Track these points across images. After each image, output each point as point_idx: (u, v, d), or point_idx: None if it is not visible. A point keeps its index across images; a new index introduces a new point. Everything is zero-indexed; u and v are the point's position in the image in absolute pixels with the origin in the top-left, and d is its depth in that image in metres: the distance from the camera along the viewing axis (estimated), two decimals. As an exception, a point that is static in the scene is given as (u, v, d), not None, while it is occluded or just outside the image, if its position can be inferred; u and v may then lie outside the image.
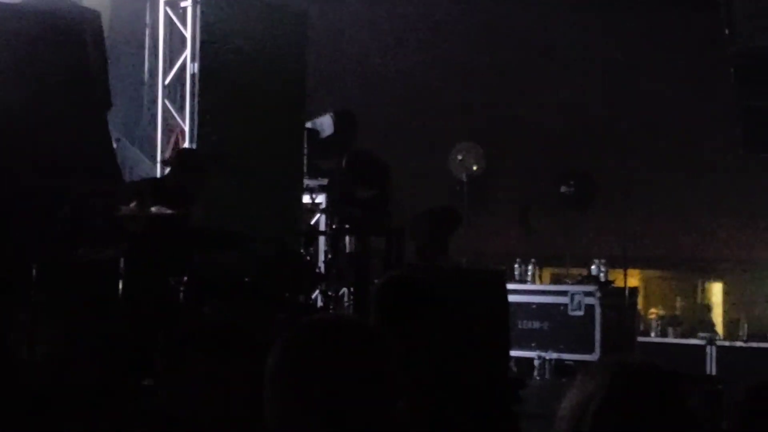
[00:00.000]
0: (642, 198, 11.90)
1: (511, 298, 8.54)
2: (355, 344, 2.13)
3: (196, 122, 9.57)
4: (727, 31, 9.36)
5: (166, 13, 9.85)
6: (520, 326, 10.86)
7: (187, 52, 9.66)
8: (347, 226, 9.37)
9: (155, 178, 9.17)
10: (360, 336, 2.15)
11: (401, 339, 3.32)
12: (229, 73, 9.70)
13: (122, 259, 6.49)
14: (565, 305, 11.08)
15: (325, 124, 10.79)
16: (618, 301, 11.08)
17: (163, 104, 9.86)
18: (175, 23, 9.82)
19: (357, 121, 10.87)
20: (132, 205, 6.81)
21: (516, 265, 11.67)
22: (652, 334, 11.59)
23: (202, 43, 9.60)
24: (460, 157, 12.73)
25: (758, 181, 10.53)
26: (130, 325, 6.43)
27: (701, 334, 11.28)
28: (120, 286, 6.46)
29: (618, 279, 11.42)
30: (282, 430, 2.10)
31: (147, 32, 10.62)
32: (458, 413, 6.07)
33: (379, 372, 2.12)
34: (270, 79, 9.92)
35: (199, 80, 9.59)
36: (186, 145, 9.61)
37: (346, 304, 9.04)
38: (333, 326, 2.20)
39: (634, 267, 11.92)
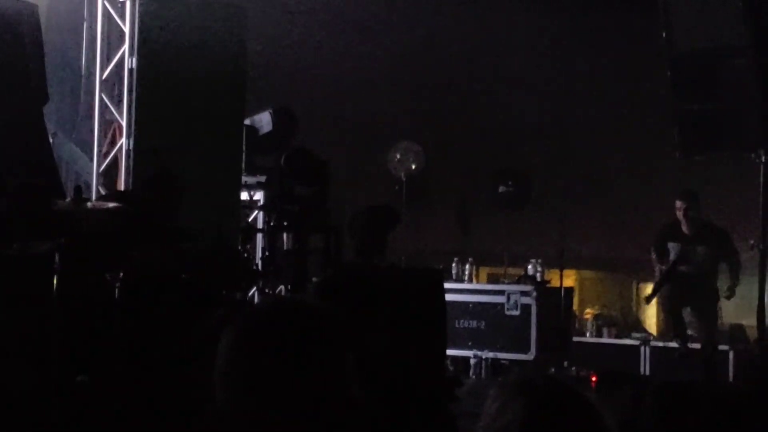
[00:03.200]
0: (579, 199, 11.99)
1: (449, 297, 8.56)
2: (310, 326, 2.12)
3: (133, 117, 9.51)
4: (664, 34, 9.47)
5: (104, 7, 9.77)
6: (457, 325, 10.92)
7: (126, 46, 9.59)
8: (285, 223, 9.37)
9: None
10: (315, 318, 2.14)
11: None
12: (167, 68, 9.65)
13: (57, 254, 6.42)
14: (502, 305, 11.16)
15: (263, 120, 10.77)
16: (554, 301, 11.19)
17: (101, 99, 9.77)
18: (113, 17, 9.75)
19: (296, 119, 10.86)
20: (68, 199, 6.74)
21: (453, 264, 11.73)
22: (588, 334, 11.70)
23: (140, 37, 9.54)
24: (398, 156, 12.77)
25: (693, 184, 10.66)
26: (64, 321, 6.37)
27: (635, 335, 11.40)
28: (55, 281, 6.39)
29: (554, 279, 11.52)
30: (235, 412, 2.09)
31: (85, 26, 10.52)
32: (395, 411, 6.08)
33: (334, 354, 2.11)
34: (209, 75, 9.87)
35: (137, 75, 9.53)
36: (123, 140, 9.55)
37: (284, 301, 9.02)
38: (288, 308, 2.19)
39: (570, 267, 12.01)
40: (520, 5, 12.51)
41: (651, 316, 12.56)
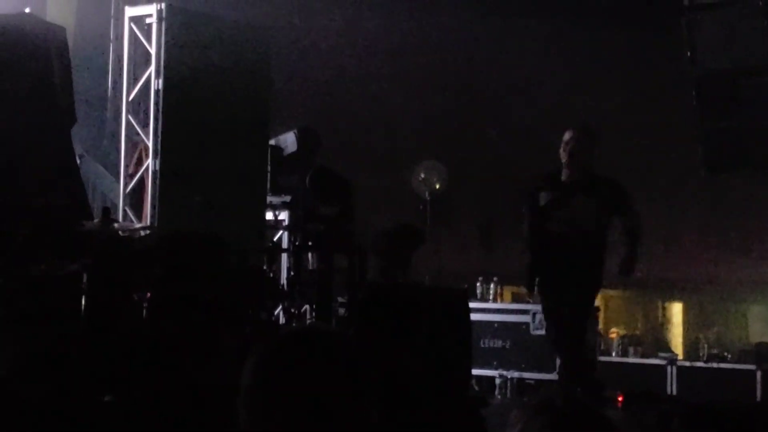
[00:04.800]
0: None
1: (473, 316, 8.58)
2: (330, 355, 2.15)
3: (159, 138, 9.57)
4: (688, 54, 9.46)
5: (131, 28, 9.84)
6: (481, 345, 10.90)
7: (152, 68, 9.66)
8: (310, 243, 9.37)
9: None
10: (335, 346, 2.17)
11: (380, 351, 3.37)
12: (193, 89, 9.71)
13: (85, 275, 6.47)
14: (527, 324, 11.13)
15: (288, 141, 10.81)
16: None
17: (127, 120, 9.84)
18: (139, 39, 9.82)
19: (320, 139, 10.89)
20: (95, 220, 6.79)
21: (478, 284, 11.71)
22: (613, 354, 11.64)
23: (166, 59, 9.60)
24: (423, 176, 12.77)
25: (719, 202, 10.63)
26: (91, 342, 6.40)
27: (662, 354, 11.34)
28: (83, 301, 6.43)
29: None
30: None
31: (111, 48, 10.61)
32: (421, 431, 6.09)
33: (354, 382, 2.14)
34: (234, 95, 9.93)
35: (164, 96, 9.59)
36: (150, 161, 9.60)
37: (308, 321, 9.04)
38: (309, 336, 2.22)
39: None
40: (545, 26, 12.51)
41: (677, 336, 12.51)
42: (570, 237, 8.17)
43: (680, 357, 11.44)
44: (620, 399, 9.77)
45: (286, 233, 10.67)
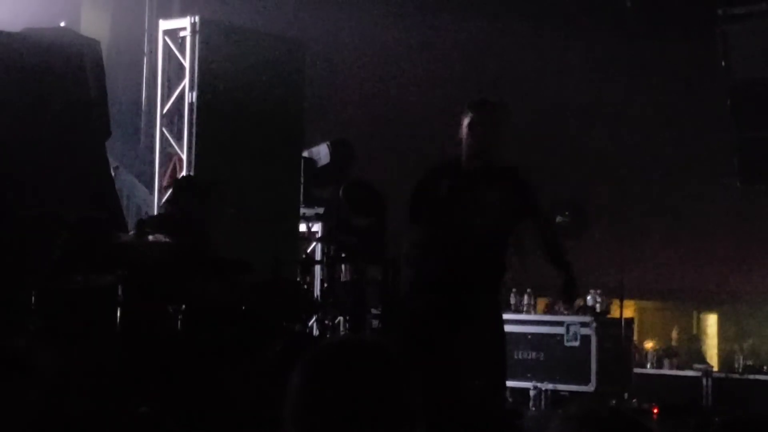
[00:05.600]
0: (638, 228, 11.91)
1: (507, 328, 8.54)
2: (376, 367, 2.15)
3: (193, 151, 9.61)
4: (723, 63, 9.43)
5: (165, 42, 9.90)
6: (515, 356, 10.86)
7: (186, 81, 9.70)
8: (343, 254, 9.38)
9: (159, 214, 9.19)
10: (382, 359, 2.17)
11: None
12: (227, 102, 9.75)
13: (120, 287, 6.50)
14: (561, 336, 11.09)
15: (321, 153, 10.83)
16: (614, 332, 11.09)
17: (161, 133, 9.89)
18: (173, 52, 9.87)
19: (353, 151, 10.91)
20: (130, 233, 6.83)
21: (512, 295, 11.67)
22: (648, 366, 11.58)
23: (200, 72, 9.65)
24: (456, 188, 12.74)
25: (754, 213, 10.56)
26: (127, 353, 6.43)
27: (697, 366, 11.27)
28: (118, 313, 6.46)
29: (614, 310, 11.42)
30: None
31: (145, 61, 10.68)
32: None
33: (399, 395, 2.13)
34: (267, 108, 9.96)
35: (197, 109, 9.64)
36: (184, 172, 9.64)
37: (342, 332, 9.05)
38: (355, 349, 2.21)
39: (630, 298, 11.92)
40: (578, 34, 12.49)
41: (712, 347, 12.44)
42: (469, 234, 6.47)
43: (715, 369, 11.37)
44: (655, 411, 9.72)
45: (319, 245, 10.68)
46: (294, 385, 2.15)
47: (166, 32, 9.92)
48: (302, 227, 10.73)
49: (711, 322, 12.95)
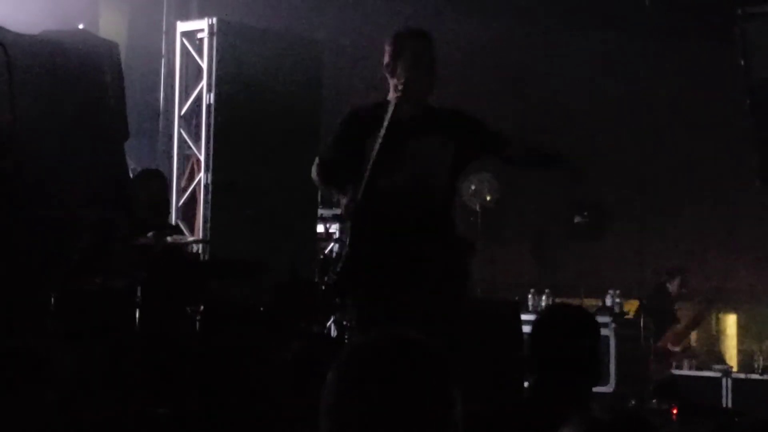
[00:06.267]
0: (656, 229, 11.87)
1: (526, 328, 8.54)
2: (419, 362, 2.11)
3: (211, 152, 9.63)
4: (742, 62, 9.39)
5: (182, 43, 9.91)
6: (534, 357, 10.83)
7: (203, 82, 9.72)
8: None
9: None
10: (424, 354, 2.13)
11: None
12: (244, 103, 9.76)
13: (138, 289, 6.52)
14: (580, 336, 11.05)
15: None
16: (633, 333, 11.05)
17: (179, 134, 9.91)
18: (191, 54, 9.88)
19: (371, 152, 10.89)
20: (149, 234, 6.84)
21: (530, 296, 11.66)
22: (668, 366, 11.54)
23: (218, 73, 9.66)
24: (473, 187, 12.73)
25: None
26: (145, 355, 6.45)
27: (716, 367, 11.22)
28: (137, 315, 6.48)
29: (632, 310, 11.38)
30: None
31: (163, 62, 10.69)
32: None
33: (443, 392, 2.10)
34: (285, 109, 9.97)
35: (215, 110, 9.65)
36: (202, 174, 9.66)
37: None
38: (398, 343, 2.16)
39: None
40: (596, 36, 12.47)
41: (731, 347, 12.40)
42: (410, 199, 5.38)
43: (735, 369, 11.31)
44: (675, 412, 9.68)
45: (337, 245, 10.68)
46: (330, 380, 2.11)
47: (184, 34, 9.94)
48: (320, 228, 10.73)
49: (730, 322, 12.90)
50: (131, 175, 8.72)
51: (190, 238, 9.09)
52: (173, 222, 9.37)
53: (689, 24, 11.44)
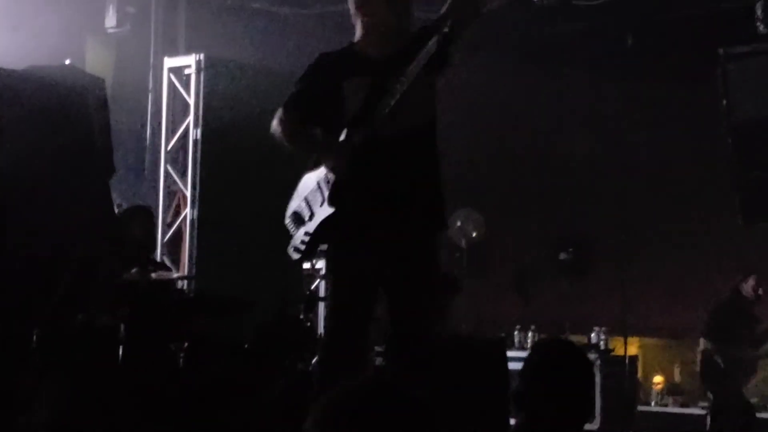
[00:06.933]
0: (641, 265, 11.91)
1: (511, 365, 8.53)
2: (396, 409, 2.10)
3: (197, 188, 9.63)
4: (724, 102, 9.46)
5: (169, 79, 9.94)
6: (520, 393, 10.81)
7: (190, 118, 9.74)
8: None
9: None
10: (402, 401, 2.11)
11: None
12: (231, 139, 9.77)
13: (122, 325, 6.51)
14: (565, 373, 11.04)
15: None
16: (618, 370, 11.05)
17: (165, 170, 9.92)
18: (178, 89, 9.91)
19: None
20: (133, 271, 6.84)
21: (516, 332, 11.66)
22: (653, 403, 11.54)
23: (205, 109, 9.68)
24: (459, 224, 12.75)
25: (756, 251, 10.55)
26: (129, 392, 6.43)
27: (702, 404, 11.22)
28: (120, 352, 6.47)
29: (618, 347, 11.39)
30: None
31: (150, 98, 10.72)
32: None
33: None
34: (272, 145, 9.95)
35: (202, 146, 9.66)
36: (188, 210, 9.66)
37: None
38: (376, 390, 2.15)
39: (634, 335, 11.90)
40: (582, 72, 12.53)
41: (716, 384, 12.38)
42: (393, 147, 4.86)
43: (720, 406, 11.31)
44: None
45: (323, 282, 10.67)
46: (308, 425, 2.10)
47: (171, 69, 9.97)
48: (306, 264, 10.72)
49: (715, 359, 12.89)
50: (117, 211, 8.71)
51: (175, 275, 9.08)
52: (158, 258, 9.36)
53: (671, 63, 11.51)
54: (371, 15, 4.92)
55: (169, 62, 10.03)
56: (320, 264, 10.83)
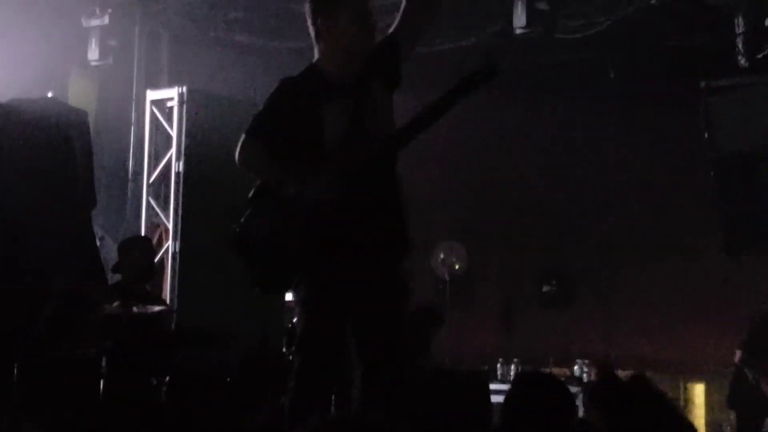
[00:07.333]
0: (624, 298, 11.92)
1: (494, 398, 8.51)
2: None
3: (180, 220, 9.60)
4: (706, 135, 9.50)
5: (152, 111, 9.94)
6: (502, 427, 10.78)
7: (173, 150, 9.73)
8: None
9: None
10: None
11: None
12: (213, 171, 9.74)
13: (104, 358, 6.47)
14: (548, 406, 11.02)
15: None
16: (601, 402, 11.01)
17: (148, 202, 9.90)
18: (160, 122, 9.90)
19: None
20: (115, 304, 6.81)
21: (498, 365, 11.63)
22: (635, 436, 11.50)
23: (187, 141, 9.67)
24: (442, 256, 12.76)
25: (740, 283, 10.57)
26: (110, 425, 6.39)
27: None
28: (101, 385, 6.43)
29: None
30: None
31: (132, 130, 10.71)
32: None
33: None
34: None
35: (184, 178, 9.64)
36: (170, 242, 9.63)
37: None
38: (347, 429, 2.13)
39: (617, 368, 11.88)
40: (564, 105, 12.57)
41: (699, 417, 12.37)
42: (366, 170, 4.73)
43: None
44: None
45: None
46: None
47: (154, 102, 9.97)
48: (288, 296, 10.69)
49: (698, 391, 12.89)
50: (98, 244, 8.70)
51: (157, 308, 9.03)
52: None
53: (654, 97, 11.57)
54: (366, 41, 4.80)
55: (152, 95, 10.03)
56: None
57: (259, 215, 5.08)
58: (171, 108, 9.82)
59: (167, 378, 6.73)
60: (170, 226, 9.68)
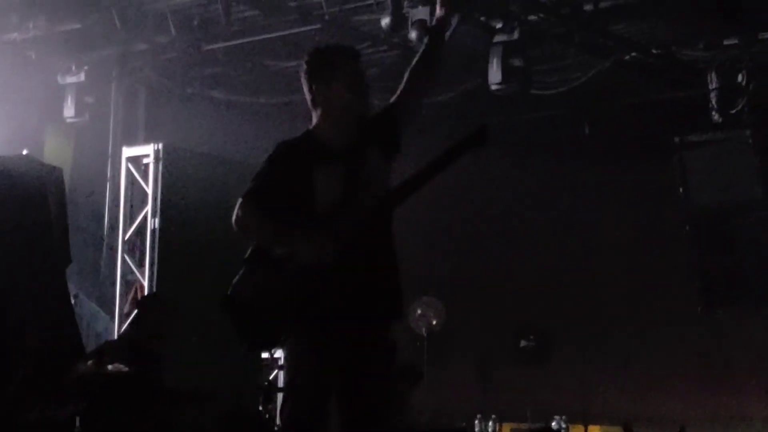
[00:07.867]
0: (601, 354, 11.91)
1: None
2: None
3: (155, 278, 9.54)
4: (681, 190, 9.55)
5: (127, 168, 9.90)
6: (481, 484, 10.74)
7: (149, 207, 9.69)
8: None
9: (120, 338, 9.12)
10: None
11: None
12: (189, 228, 9.71)
13: (78, 419, 6.39)
14: (527, 462, 10.99)
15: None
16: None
17: (123, 259, 9.84)
18: (136, 179, 9.87)
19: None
20: (89, 363, 6.74)
21: (476, 422, 11.58)
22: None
23: (163, 198, 9.63)
24: (420, 312, 12.73)
25: (716, 338, 10.58)
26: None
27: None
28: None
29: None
30: None
31: (108, 187, 10.68)
32: None
33: None
34: (231, 233, 9.92)
35: (160, 235, 9.60)
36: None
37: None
38: None
39: (595, 423, 11.86)
40: (540, 160, 12.63)
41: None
42: (362, 234, 4.79)
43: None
44: None
45: (282, 372, 10.57)
46: None
47: (129, 159, 9.93)
48: (264, 353, 10.63)
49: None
50: (72, 301, 8.63)
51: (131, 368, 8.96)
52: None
53: (628, 151, 11.65)
54: (359, 107, 4.87)
55: (128, 152, 10.00)
56: (279, 353, 10.75)
57: (252, 275, 5.03)
58: (147, 165, 9.79)
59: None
60: (145, 283, 9.62)
